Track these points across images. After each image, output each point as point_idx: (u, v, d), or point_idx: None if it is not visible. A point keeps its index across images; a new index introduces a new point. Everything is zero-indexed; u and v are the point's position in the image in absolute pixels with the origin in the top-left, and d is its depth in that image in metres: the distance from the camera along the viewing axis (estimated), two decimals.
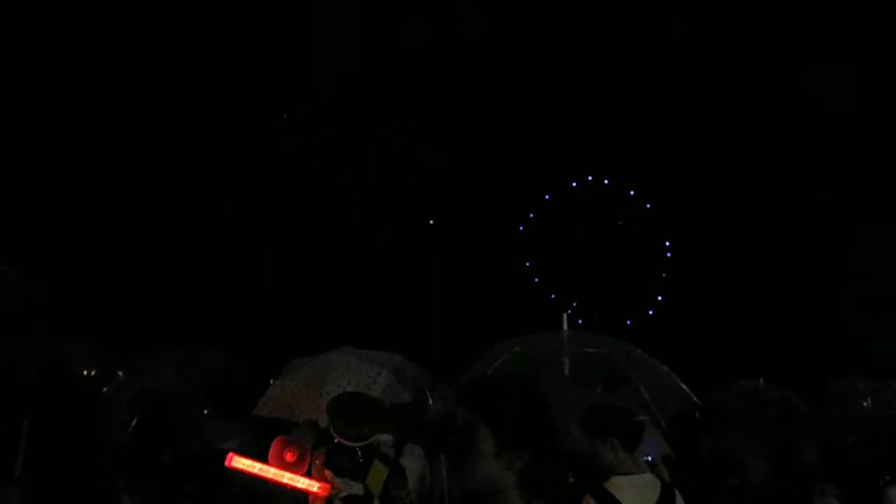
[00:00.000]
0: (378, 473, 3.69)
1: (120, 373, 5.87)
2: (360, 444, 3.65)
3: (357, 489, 3.53)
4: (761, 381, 7.19)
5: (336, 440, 3.66)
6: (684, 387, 4.24)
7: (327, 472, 3.68)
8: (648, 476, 3.57)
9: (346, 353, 4.92)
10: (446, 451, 4.50)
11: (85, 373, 6.31)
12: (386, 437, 4.18)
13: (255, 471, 3.73)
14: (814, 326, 15.83)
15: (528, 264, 17.63)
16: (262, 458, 4.15)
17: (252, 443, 4.57)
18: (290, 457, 3.72)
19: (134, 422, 5.15)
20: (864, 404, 5.89)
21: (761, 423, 5.17)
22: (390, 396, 4.63)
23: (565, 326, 4.39)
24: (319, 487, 3.62)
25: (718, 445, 4.38)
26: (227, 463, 3.70)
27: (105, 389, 5.68)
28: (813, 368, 10.82)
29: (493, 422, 1.85)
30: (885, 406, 5.78)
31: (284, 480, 3.68)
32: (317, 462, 3.76)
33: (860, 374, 6.71)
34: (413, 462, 4.11)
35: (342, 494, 3.56)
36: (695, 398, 4.25)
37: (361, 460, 3.64)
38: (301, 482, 3.67)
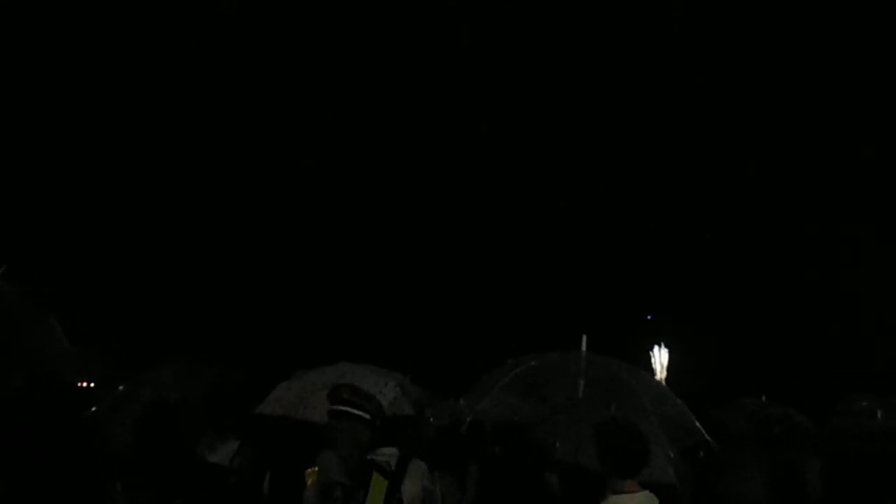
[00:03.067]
0: (378, 486, 3.65)
1: (121, 387, 5.85)
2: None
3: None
4: (763, 398, 7.13)
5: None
6: (697, 424, 4.21)
7: None
8: (646, 494, 3.53)
9: (352, 364, 4.99)
10: (442, 467, 4.48)
11: (84, 384, 6.30)
12: (391, 451, 4.16)
13: None
14: (817, 344, 15.74)
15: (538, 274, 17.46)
16: (258, 470, 4.16)
17: (248, 455, 4.54)
18: None
19: (133, 435, 5.10)
20: (871, 420, 5.84)
21: (763, 441, 5.12)
22: (396, 408, 4.64)
23: (584, 347, 4.39)
24: None
25: (717, 462, 4.34)
26: None
27: (103, 401, 5.66)
28: (815, 386, 10.73)
29: None
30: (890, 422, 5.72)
31: None
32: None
33: (865, 391, 6.66)
34: (413, 482, 4.08)
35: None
36: (706, 436, 4.23)
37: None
38: None
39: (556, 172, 17.73)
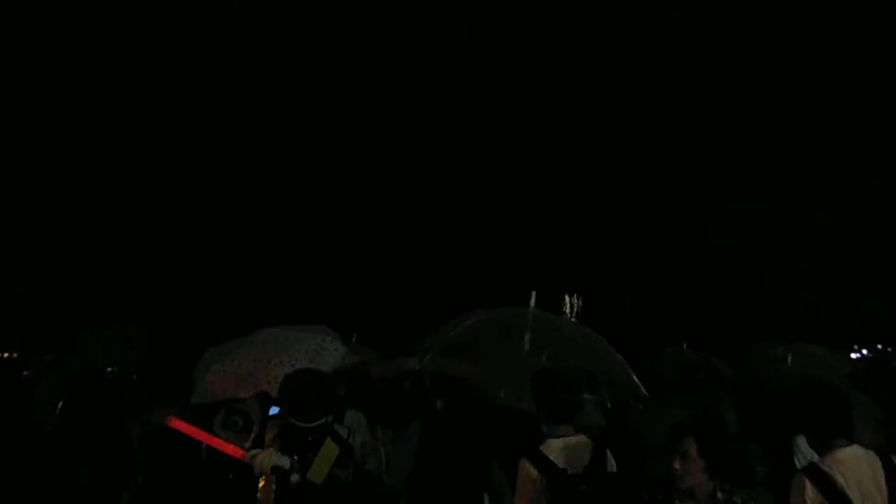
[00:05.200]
0: (329, 452, 3.61)
1: (48, 356, 5.66)
2: (310, 425, 3.57)
3: (283, 462, 3.44)
4: (685, 345, 7.59)
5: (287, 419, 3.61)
6: (634, 378, 4.44)
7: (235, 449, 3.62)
8: (581, 437, 3.71)
9: (275, 329, 4.85)
10: (386, 418, 4.57)
11: (6, 355, 6.04)
12: (355, 415, 4.19)
13: (189, 432, 3.67)
14: (729, 296, 16.85)
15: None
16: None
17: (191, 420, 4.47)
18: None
19: (62, 404, 4.94)
20: (783, 365, 6.34)
21: (689, 386, 5.46)
22: (340, 359, 4.60)
23: (532, 303, 4.54)
24: (234, 451, 3.56)
25: (649, 410, 4.63)
26: (168, 423, 3.62)
27: (30, 371, 5.47)
28: (729, 333, 11.51)
29: None
30: (800, 367, 6.22)
31: (213, 444, 3.63)
32: (268, 435, 3.70)
33: (774, 339, 7.21)
34: (361, 436, 4.12)
35: (268, 465, 3.43)
36: (643, 389, 4.46)
37: (310, 438, 3.56)
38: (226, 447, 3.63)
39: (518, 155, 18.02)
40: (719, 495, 3.05)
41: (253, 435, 3.83)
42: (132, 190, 14.37)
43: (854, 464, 3.11)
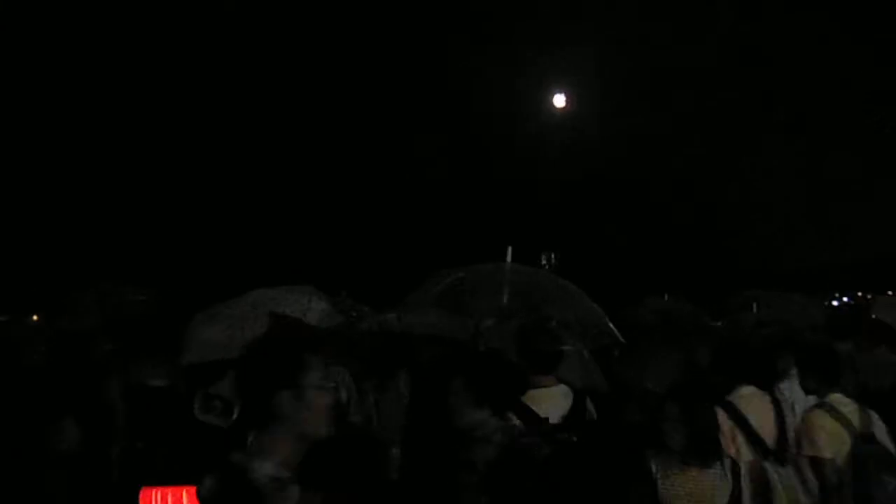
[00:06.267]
0: None
1: (35, 317, 5.67)
2: None
3: None
4: (666, 296, 7.76)
5: None
6: (611, 325, 4.54)
7: None
8: (562, 387, 3.83)
9: (265, 289, 4.87)
10: (372, 371, 4.68)
11: None
12: (339, 370, 4.26)
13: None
14: (708, 247, 17.20)
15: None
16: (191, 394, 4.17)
17: (181, 379, 4.53)
18: None
19: (47, 364, 4.97)
20: (753, 314, 6.55)
21: (672, 335, 5.59)
22: (327, 321, 4.66)
23: (509, 258, 4.61)
24: None
25: (629, 357, 4.75)
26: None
27: (17, 334, 5.48)
28: (711, 283, 11.76)
29: None
30: (772, 314, 6.42)
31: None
32: None
33: (751, 286, 7.42)
34: (346, 391, 4.23)
35: None
36: (620, 338, 4.57)
37: None
38: None
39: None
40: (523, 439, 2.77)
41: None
42: (129, 173, 14.33)
43: (751, 398, 3.86)
